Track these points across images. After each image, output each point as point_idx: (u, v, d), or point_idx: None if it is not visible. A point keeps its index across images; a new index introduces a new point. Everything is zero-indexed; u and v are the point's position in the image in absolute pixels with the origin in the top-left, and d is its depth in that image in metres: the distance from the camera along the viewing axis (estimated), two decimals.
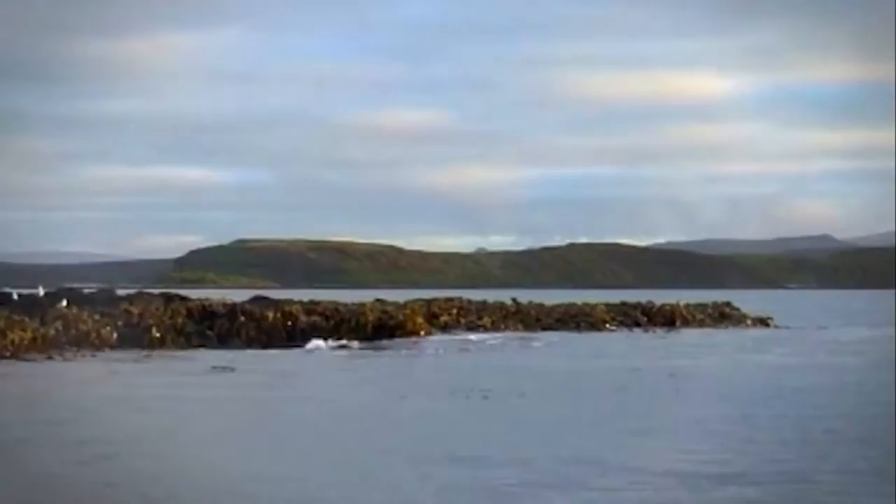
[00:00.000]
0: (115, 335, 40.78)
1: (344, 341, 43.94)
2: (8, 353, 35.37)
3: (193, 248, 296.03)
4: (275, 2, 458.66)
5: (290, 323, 46.00)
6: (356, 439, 20.07)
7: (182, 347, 42.05)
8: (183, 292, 59.59)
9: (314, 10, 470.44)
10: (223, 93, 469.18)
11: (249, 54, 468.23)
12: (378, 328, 44.03)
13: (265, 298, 55.69)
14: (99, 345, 40.25)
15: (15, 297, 49.65)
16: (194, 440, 20.18)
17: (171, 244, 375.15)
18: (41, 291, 50.55)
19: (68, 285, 67.98)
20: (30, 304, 45.71)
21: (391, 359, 38.92)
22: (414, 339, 43.90)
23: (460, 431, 21.30)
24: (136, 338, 41.01)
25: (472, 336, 46.51)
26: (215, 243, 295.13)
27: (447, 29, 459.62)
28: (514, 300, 63.53)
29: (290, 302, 52.97)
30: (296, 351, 41.93)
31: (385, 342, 43.71)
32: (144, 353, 39.21)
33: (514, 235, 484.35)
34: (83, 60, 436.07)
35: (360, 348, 42.74)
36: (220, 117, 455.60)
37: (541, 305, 63.00)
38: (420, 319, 44.95)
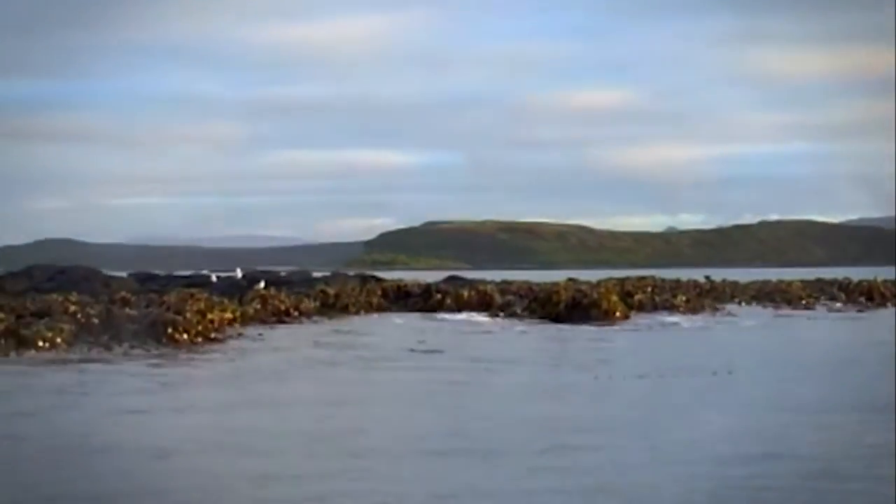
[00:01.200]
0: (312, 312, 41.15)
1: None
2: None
3: (384, 230, 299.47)
4: None
5: (484, 302, 46.06)
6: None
7: None
8: (376, 274, 60.26)
9: None
10: (412, 75, 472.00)
11: (437, 36, 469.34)
12: (572, 307, 43.69)
13: (459, 278, 56.07)
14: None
15: (214, 279, 50.80)
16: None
17: (361, 227, 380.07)
18: (239, 274, 51.65)
19: (263, 268, 69.29)
20: (229, 287, 46.76)
21: (593, 337, 38.08)
22: (610, 320, 43.06)
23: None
24: (331, 316, 41.32)
25: (672, 318, 45.41)
26: (406, 225, 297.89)
27: (636, 5, 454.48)
28: (707, 278, 62.88)
29: (483, 282, 53.19)
30: (494, 330, 41.30)
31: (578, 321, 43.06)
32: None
33: (704, 214, 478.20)
34: (273, 46, 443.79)
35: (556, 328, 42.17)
36: (410, 100, 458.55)
37: (735, 283, 62.17)
38: (615, 297, 44.51)
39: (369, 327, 38.96)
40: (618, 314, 43.67)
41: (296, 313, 40.30)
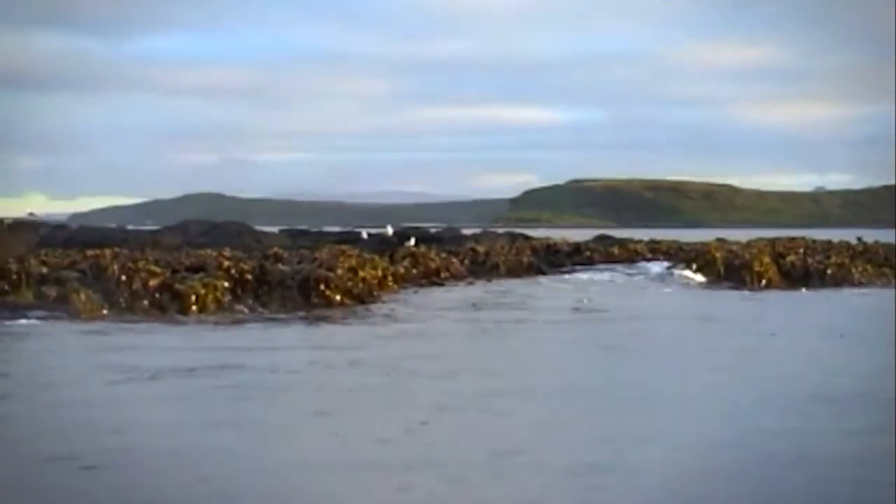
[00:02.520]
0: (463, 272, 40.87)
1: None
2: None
3: (528, 188, 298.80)
4: None
5: (633, 261, 45.67)
6: None
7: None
8: (521, 231, 60.11)
9: None
10: (557, 33, 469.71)
11: None
12: (724, 268, 42.94)
13: (607, 237, 55.76)
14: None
15: (364, 236, 51.12)
16: None
17: (506, 184, 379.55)
18: (390, 231, 51.86)
19: (410, 224, 69.59)
20: (379, 243, 47.01)
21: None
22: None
23: None
24: (482, 275, 41.18)
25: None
26: (550, 183, 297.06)
27: None
28: (859, 239, 61.57)
29: (631, 240, 52.82)
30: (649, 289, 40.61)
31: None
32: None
33: (853, 174, 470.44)
34: (419, 2, 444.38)
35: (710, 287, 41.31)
36: (554, 57, 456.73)
37: (888, 245, 60.76)
38: (766, 259, 43.68)
39: (526, 288, 38.70)
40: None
41: (446, 273, 40.07)
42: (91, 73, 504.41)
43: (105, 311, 29.88)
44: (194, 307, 31.08)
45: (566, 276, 42.43)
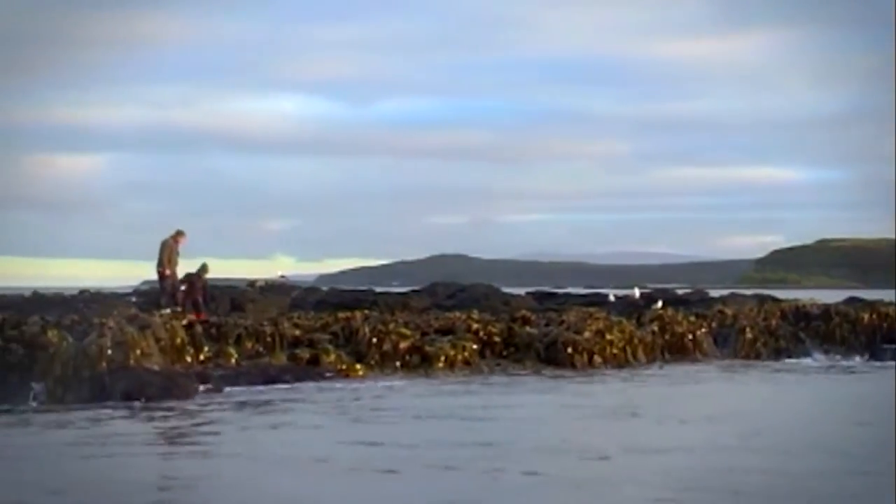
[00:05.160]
0: (709, 339, 39.69)
1: None
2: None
3: (775, 247, 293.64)
4: None
5: (884, 325, 44.24)
6: None
7: (775, 353, 40.35)
8: (768, 293, 58.87)
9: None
10: (790, 92, 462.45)
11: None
12: None
13: (858, 299, 54.22)
14: (692, 349, 38.68)
15: (612, 298, 50.87)
16: None
17: (751, 244, 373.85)
18: (637, 293, 51.43)
19: (654, 285, 69.08)
20: (626, 306, 46.72)
21: None
22: None
23: None
24: (726, 339, 40.17)
25: None
26: (797, 243, 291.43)
27: None
28: None
29: (882, 303, 51.23)
30: None
31: None
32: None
33: None
34: (662, 62, 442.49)
35: None
36: (788, 116, 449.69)
37: None
38: None
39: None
40: None
41: (690, 338, 38.92)
42: (333, 137, 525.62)
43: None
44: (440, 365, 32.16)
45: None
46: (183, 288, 35.39)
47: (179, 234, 35.36)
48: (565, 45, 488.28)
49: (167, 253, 35.05)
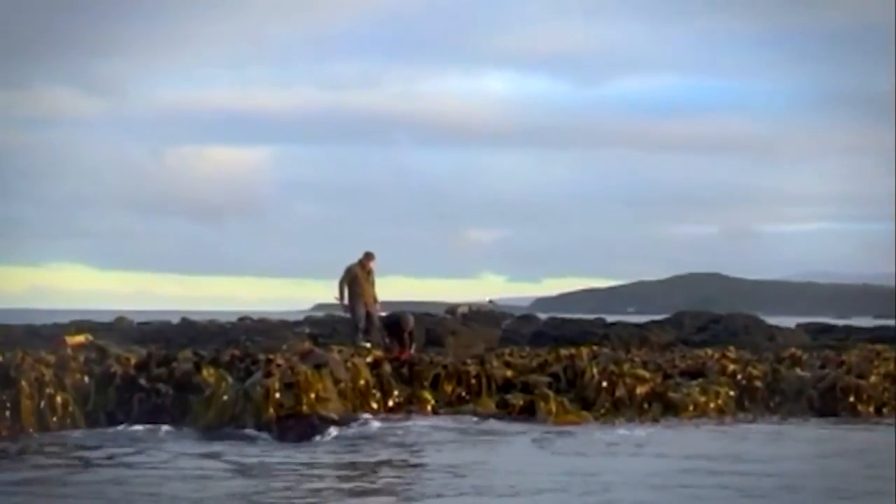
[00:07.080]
0: None
1: None
2: None
3: None
4: None
5: None
6: None
7: None
8: None
9: None
10: None
11: None
12: None
13: None
14: None
15: None
16: None
17: None
18: None
19: None
20: None
21: None
22: None
23: None
24: None
25: None
26: None
27: None
28: None
29: None
30: None
31: None
32: None
33: None
34: None
35: None
36: None
37: None
38: None
39: None
40: None
41: None
42: (557, 123, 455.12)
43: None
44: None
45: None
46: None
47: (368, 257, 29.49)
48: (854, 10, 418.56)
49: (353, 281, 29.13)
